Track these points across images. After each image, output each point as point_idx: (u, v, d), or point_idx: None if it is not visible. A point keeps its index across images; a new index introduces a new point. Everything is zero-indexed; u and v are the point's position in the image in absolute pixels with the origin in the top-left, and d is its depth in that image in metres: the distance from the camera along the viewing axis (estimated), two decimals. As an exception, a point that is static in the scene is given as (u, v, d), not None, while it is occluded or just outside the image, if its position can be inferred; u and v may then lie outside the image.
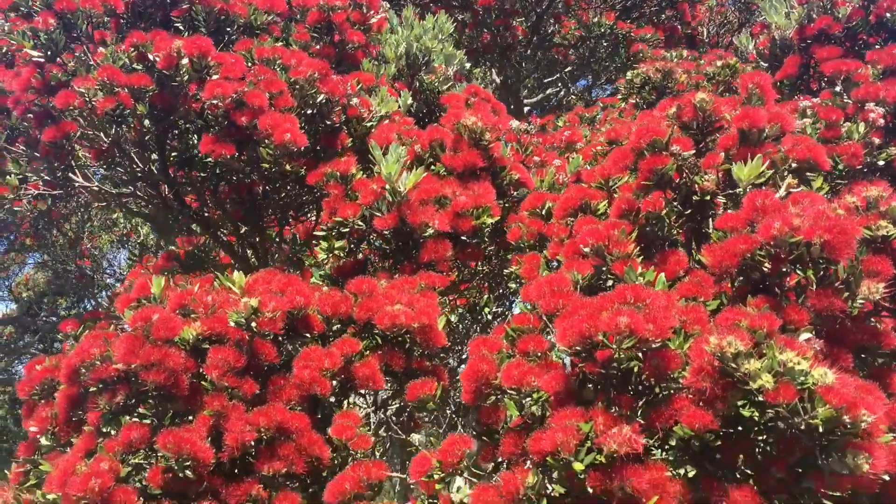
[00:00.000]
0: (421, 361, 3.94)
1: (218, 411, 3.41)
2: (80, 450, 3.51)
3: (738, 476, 2.79)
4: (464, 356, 6.25)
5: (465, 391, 3.13)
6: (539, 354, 3.14)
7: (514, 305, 6.82)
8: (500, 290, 5.76)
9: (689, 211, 3.60)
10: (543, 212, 4.13)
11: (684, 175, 3.55)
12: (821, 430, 2.51)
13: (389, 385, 4.08)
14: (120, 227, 10.49)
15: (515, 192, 4.73)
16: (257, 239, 6.26)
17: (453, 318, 5.56)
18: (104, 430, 3.51)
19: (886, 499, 3.25)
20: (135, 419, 3.42)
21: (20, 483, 4.01)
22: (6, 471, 4.24)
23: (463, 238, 4.41)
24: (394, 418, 4.33)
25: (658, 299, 2.84)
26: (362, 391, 3.99)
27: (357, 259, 4.65)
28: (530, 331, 3.24)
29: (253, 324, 3.60)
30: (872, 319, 3.22)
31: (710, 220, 3.55)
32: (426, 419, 5.20)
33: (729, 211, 3.32)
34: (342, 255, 4.54)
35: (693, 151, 3.51)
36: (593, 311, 2.80)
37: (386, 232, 4.36)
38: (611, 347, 2.73)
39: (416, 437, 3.87)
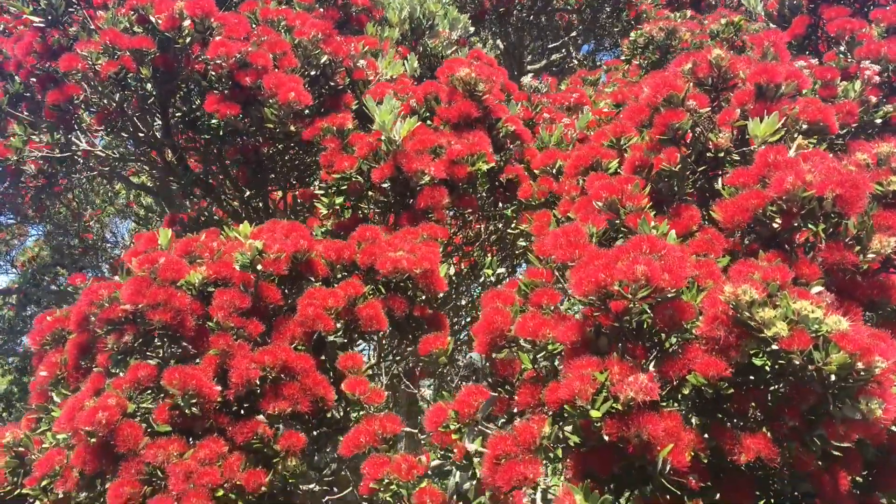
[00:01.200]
0: (423, 308, 3.99)
1: (223, 350, 3.45)
2: (88, 389, 3.55)
3: (750, 424, 2.83)
4: (466, 318, 6.28)
5: (479, 343, 3.15)
6: (552, 308, 3.17)
7: (517, 267, 6.84)
8: (504, 252, 5.79)
9: (703, 168, 3.62)
10: (554, 170, 4.14)
11: (698, 132, 3.56)
12: (834, 376, 2.56)
13: (393, 337, 4.12)
14: (121, 198, 10.41)
15: (512, 146, 4.74)
16: (261, 204, 6.25)
17: (453, 273, 5.59)
18: (113, 371, 3.54)
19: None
20: (143, 359, 3.46)
21: (32, 429, 4.05)
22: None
23: (459, 186, 4.44)
24: (399, 369, 4.36)
25: (673, 250, 2.86)
26: (366, 337, 4.02)
27: (357, 216, 4.67)
28: (543, 284, 3.26)
29: (258, 266, 3.64)
30: (881, 275, 3.26)
31: (723, 177, 3.57)
32: (431, 371, 5.22)
33: (741, 167, 3.33)
34: (342, 211, 4.56)
35: (708, 108, 3.52)
36: (609, 260, 2.82)
37: (383, 184, 4.38)
38: (626, 297, 2.76)
39: (423, 390, 3.89)
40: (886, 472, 3.23)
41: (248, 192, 6.01)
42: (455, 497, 3.42)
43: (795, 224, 3.13)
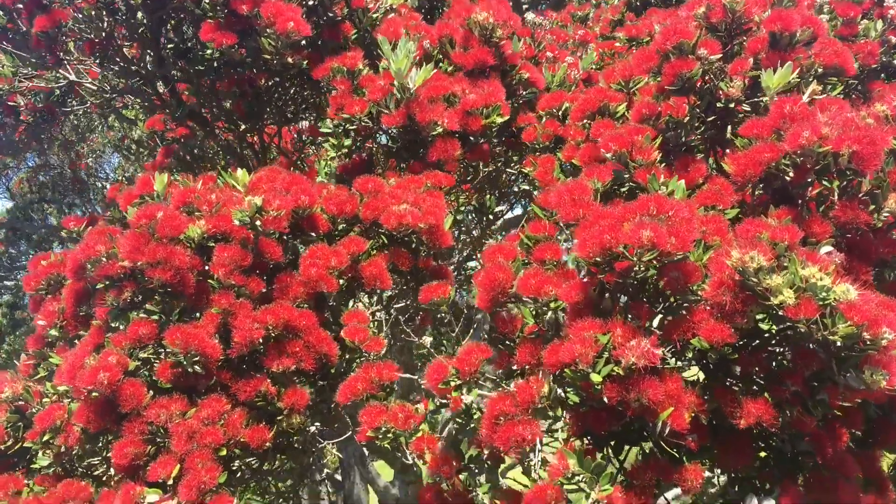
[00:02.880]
0: (427, 261, 3.93)
1: (225, 309, 3.41)
2: (88, 344, 3.52)
3: (752, 387, 2.81)
4: (468, 259, 6.24)
5: (480, 298, 3.11)
6: (555, 263, 3.11)
7: (514, 206, 6.75)
8: (505, 190, 5.69)
9: (712, 118, 3.49)
10: (560, 113, 4.00)
11: (708, 80, 3.42)
12: (839, 345, 2.52)
13: (396, 285, 4.08)
14: (115, 130, 10.17)
15: (525, 92, 4.58)
16: (255, 138, 6.11)
17: (459, 217, 5.52)
18: (112, 324, 3.52)
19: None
20: (142, 315, 3.43)
21: (29, 375, 4.06)
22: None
23: (471, 137, 4.31)
24: (401, 317, 4.33)
25: (681, 211, 2.78)
26: (368, 290, 3.99)
27: (363, 157, 4.56)
28: (546, 239, 3.20)
29: (258, 223, 3.55)
30: (895, 233, 3.18)
31: (732, 127, 3.45)
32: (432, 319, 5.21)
33: (752, 118, 3.20)
34: (348, 152, 4.45)
35: (720, 55, 3.37)
36: (615, 222, 2.74)
37: (393, 130, 4.26)
38: (631, 259, 2.70)
39: (426, 340, 3.87)
40: (887, 429, 3.24)
41: (243, 127, 5.86)
42: (449, 443, 3.44)
43: (809, 179, 3.03)
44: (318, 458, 4.71)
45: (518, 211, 6.87)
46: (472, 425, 3.24)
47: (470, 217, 6.06)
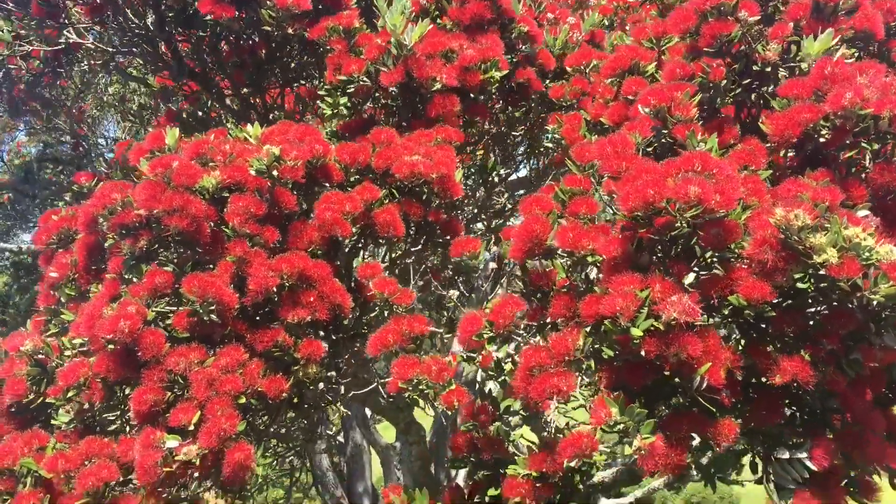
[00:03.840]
0: (438, 213, 3.93)
1: (240, 257, 3.38)
2: (104, 296, 3.47)
3: (787, 346, 2.85)
4: (472, 221, 6.22)
5: (515, 249, 3.10)
6: (590, 218, 3.11)
7: (520, 168, 6.72)
8: (510, 151, 5.67)
9: (746, 80, 3.48)
10: (588, 70, 3.98)
11: (745, 42, 3.40)
12: (879, 305, 2.55)
13: (404, 243, 4.08)
14: (115, 92, 9.93)
15: (524, 47, 4.55)
16: (257, 100, 6.01)
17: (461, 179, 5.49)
18: (126, 276, 3.48)
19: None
20: (158, 265, 3.40)
21: (41, 332, 4.01)
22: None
23: (471, 93, 4.29)
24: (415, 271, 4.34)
25: (725, 168, 2.78)
26: (381, 240, 3.98)
27: (363, 117, 4.52)
28: (581, 193, 3.19)
29: (274, 172, 3.52)
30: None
31: (767, 90, 3.44)
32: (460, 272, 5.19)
33: (795, 78, 3.20)
34: (347, 112, 4.40)
35: (758, 17, 3.35)
36: (659, 176, 2.74)
37: (392, 88, 4.21)
38: (672, 215, 2.70)
39: (453, 293, 3.88)
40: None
41: (245, 90, 5.76)
42: (478, 397, 3.46)
43: (847, 142, 3.04)
44: (325, 415, 4.71)
45: (523, 172, 6.85)
46: (503, 378, 3.25)
47: (472, 180, 6.04)
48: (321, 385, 3.93)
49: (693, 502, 20.42)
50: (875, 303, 2.54)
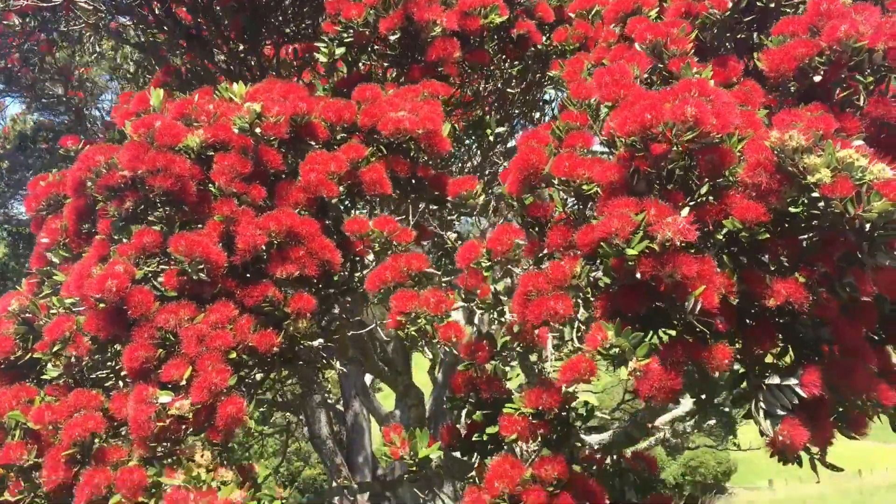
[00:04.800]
0: (426, 169, 3.95)
1: (228, 216, 3.40)
2: (93, 256, 3.50)
3: (781, 270, 2.87)
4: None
5: (512, 182, 3.13)
6: (586, 151, 3.14)
7: (517, 127, 6.72)
8: (503, 112, 5.70)
9: (749, 18, 3.51)
10: (591, 15, 4.01)
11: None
12: (871, 225, 2.58)
13: (393, 202, 4.10)
14: (109, 57, 9.93)
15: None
16: (253, 61, 6.03)
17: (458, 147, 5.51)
18: (115, 237, 3.51)
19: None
20: (146, 226, 3.42)
21: (34, 293, 4.04)
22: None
23: (471, 39, 4.31)
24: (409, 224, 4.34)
25: (722, 95, 2.82)
26: (368, 199, 4.01)
27: (361, 72, 4.54)
28: (578, 128, 3.22)
29: (257, 129, 3.55)
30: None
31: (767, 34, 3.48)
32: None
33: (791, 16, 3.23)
34: (345, 64, 4.43)
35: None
36: (656, 101, 2.77)
37: (391, 36, 4.24)
38: (669, 140, 2.73)
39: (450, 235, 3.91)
40: (899, 328, 3.34)
41: (241, 47, 5.77)
42: (475, 333, 3.48)
43: (842, 76, 3.07)
44: (321, 372, 4.74)
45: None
46: (504, 312, 3.28)
47: (467, 143, 6.06)
48: (315, 343, 3.96)
49: (691, 466, 20.58)
50: (867, 222, 2.58)
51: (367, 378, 7.18)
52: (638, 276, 2.72)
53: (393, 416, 6.54)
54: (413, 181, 3.99)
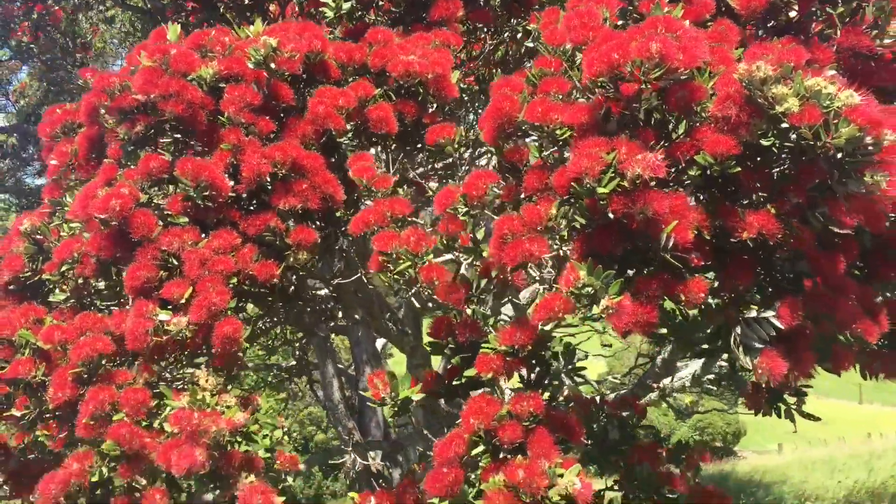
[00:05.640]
0: (433, 116, 3.98)
1: (235, 145, 3.46)
2: (100, 179, 3.58)
3: (755, 204, 2.88)
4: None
5: (487, 131, 3.15)
6: (560, 96, 3.14)
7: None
8: (508, 70, 5.68)
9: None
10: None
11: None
12: (842, 152, 2.58)
13: (399, 149, 4.13)
14: (117, 23, 9.98)
15: None
16: (258, 17, 6.04)
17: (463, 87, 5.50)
18: (124, 163, 3.57)
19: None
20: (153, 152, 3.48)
21: (47, 221, 4.10)
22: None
23: None
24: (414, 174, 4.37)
25: (689, 30, 2.81)
26: (375, 142, 4.03)
27: (365, 23, 4.55)
28: (552, 73, 3.22)
29: (271, 64, 3.59)
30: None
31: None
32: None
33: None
34: (350, 18, 4.43)
35: None
36: (623, 41, 2.77)
37: None
38: (638, 80, 2.73)
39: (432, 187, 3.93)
40: (884, 263, 3.33)
41: (246, 2, 5.78)
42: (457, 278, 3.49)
43: (813, 9, 3.05)
44: (327, 317, 4.80)
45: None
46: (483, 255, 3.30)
47: (472, 106, 6.05)
48: (323, 292, 3.99)
49: (700, 427, 20.73)
50: (837, 150, 2.57)
51: (379, 344, 7.25)
52: (610, 215, 2.74)
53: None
54: (419, 126, 4.02)
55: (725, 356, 3.42)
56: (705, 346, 3.22)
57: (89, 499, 3.21)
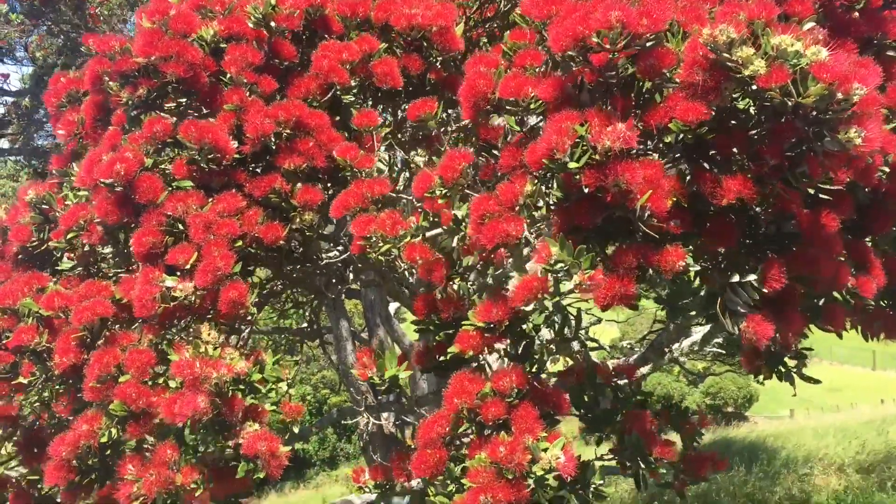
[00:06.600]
0: (439, 72, 3.98)
1: (238, 105, 3.48)
2: (105, 145, 3.60)
3: (732, 168, 2.82)
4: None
5: (464, 108, 3.14)
6: (536, 69, 3.11)
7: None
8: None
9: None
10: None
11: None
12: (814, 111, 2.51)
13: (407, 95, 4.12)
14: None
15: None
16: None
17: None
18: (129, 128, 3.60)
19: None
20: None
21: (55, 192, 4.19)
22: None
23: None
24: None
25: (657, -5, 2.74)
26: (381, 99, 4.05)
27: None
28: (526, 46, 3.19)
29: (272, 22, 3.60)
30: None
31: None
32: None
33: None
34: None
35: None
36: (586, 12, 2.73)
37: None
38: (605, 49, 2.69)
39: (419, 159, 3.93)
40: (879, 216, 3.25)
41: None
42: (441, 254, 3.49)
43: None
44: (339, 279, 4.81)
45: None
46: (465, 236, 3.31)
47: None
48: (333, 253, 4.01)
49: (711, 392, 20.63)
50: (811, 109, 2.51)
51: (392, 308, 7.30)
52: (585, 189, 2.72)
53: (417, 345, 6.66)
54: (425, 83, 4.04)
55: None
56: (693, 312, 3.19)
57: (100, 459, 3.26)
